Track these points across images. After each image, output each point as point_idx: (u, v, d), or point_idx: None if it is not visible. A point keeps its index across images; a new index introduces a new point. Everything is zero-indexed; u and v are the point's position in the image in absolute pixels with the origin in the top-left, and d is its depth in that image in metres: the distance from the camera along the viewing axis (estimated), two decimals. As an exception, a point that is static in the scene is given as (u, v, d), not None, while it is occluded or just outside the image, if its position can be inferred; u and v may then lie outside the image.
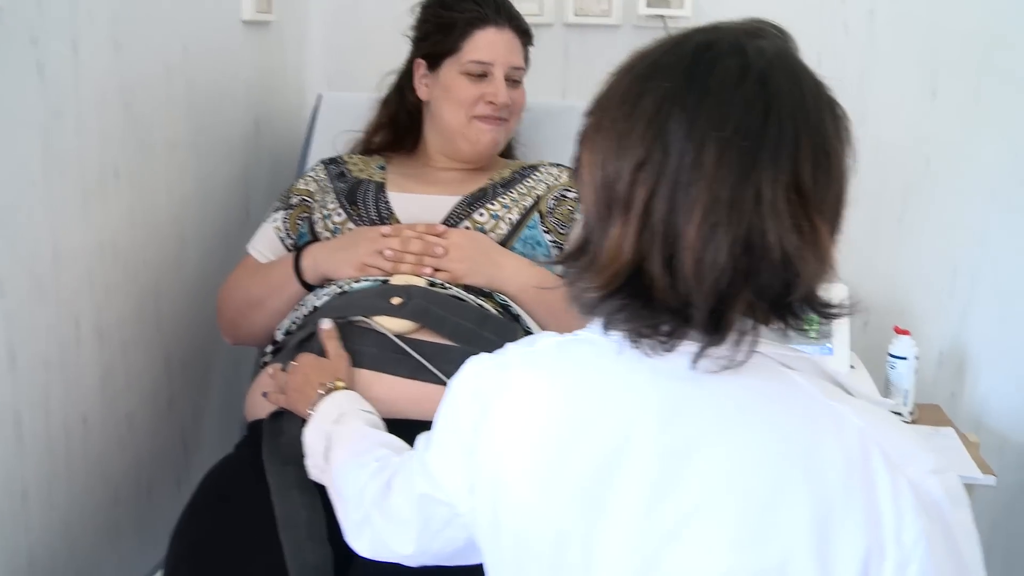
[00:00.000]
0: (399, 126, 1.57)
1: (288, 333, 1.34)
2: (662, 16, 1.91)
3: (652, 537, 0.70)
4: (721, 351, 0.69)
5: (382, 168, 1.52)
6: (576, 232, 1.00)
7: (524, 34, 1.53)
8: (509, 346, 0.83)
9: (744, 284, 0.68)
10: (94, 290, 1.34)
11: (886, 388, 1.80)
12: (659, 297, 0.69)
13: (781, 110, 0.69)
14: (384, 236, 1.32)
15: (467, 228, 1.39)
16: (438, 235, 1.33)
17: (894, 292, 1.99)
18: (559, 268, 1.31)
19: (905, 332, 1.80)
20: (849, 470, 0.67)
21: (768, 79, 0.69)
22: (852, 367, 1.75)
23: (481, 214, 1.40)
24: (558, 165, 1.55)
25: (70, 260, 1.28)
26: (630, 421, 0.72)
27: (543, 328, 1.33)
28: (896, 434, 0.70)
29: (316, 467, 1.07)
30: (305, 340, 1.25)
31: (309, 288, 1.37)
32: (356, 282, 1.31)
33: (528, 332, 1.31)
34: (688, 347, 0.70)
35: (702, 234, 0.67)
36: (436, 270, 1.30)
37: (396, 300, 1.23)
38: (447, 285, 1.30)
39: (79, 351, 1.31)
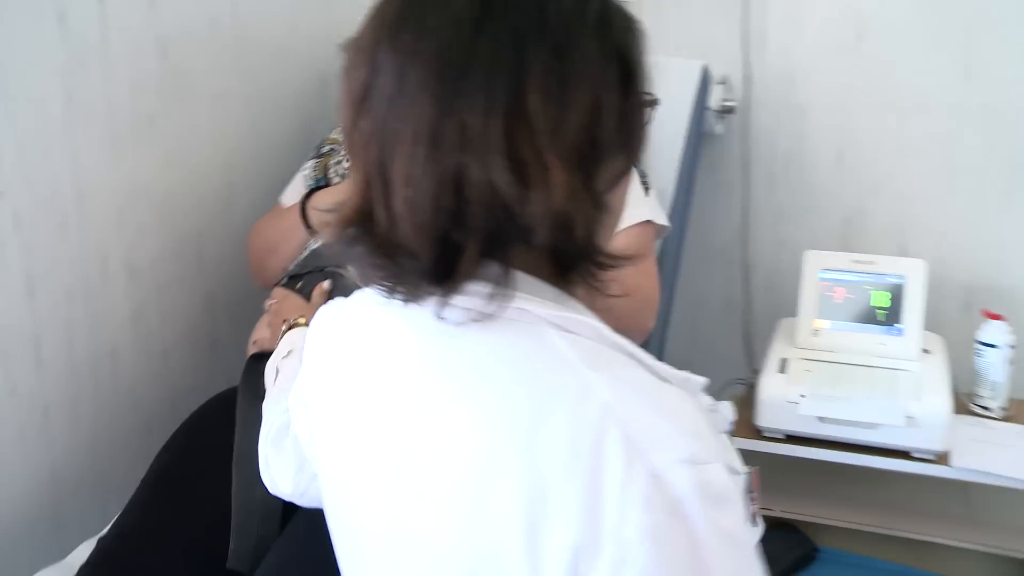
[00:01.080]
0: None
1: (292, 276, 1.38)
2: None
3: (398, 503, 0.66)
4: (470, 302, 0.61)
5: None
6: None
7: None
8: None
9: (465, 229, 0.59)
10: (123, 229, 1.43)
11: (973, 378, 1.62)
12: (384, 243, 0.62)
13: (500, 22, 0.59)
14: None
15: None
16: None
17: (995, 273, 1.77)
18: None
19: (997, 317, 1.61)
20: (575, 449, 0.57)
21: None
22: (926, 351, 1.58)
23: None
24: None
25: (96, 200, 1.37)
26: (387, 375, 0.67)
27: None
28: (656, 416, 0.58)
29: (267, 401, 1.10)
30: (291, 278, 1.28)
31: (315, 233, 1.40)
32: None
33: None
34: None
35: (408, 172, 0.59)
36: None
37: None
38: None
39: (105, 286, 1.41)
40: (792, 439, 1.51)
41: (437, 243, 0.59)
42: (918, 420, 1.43)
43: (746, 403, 1.57)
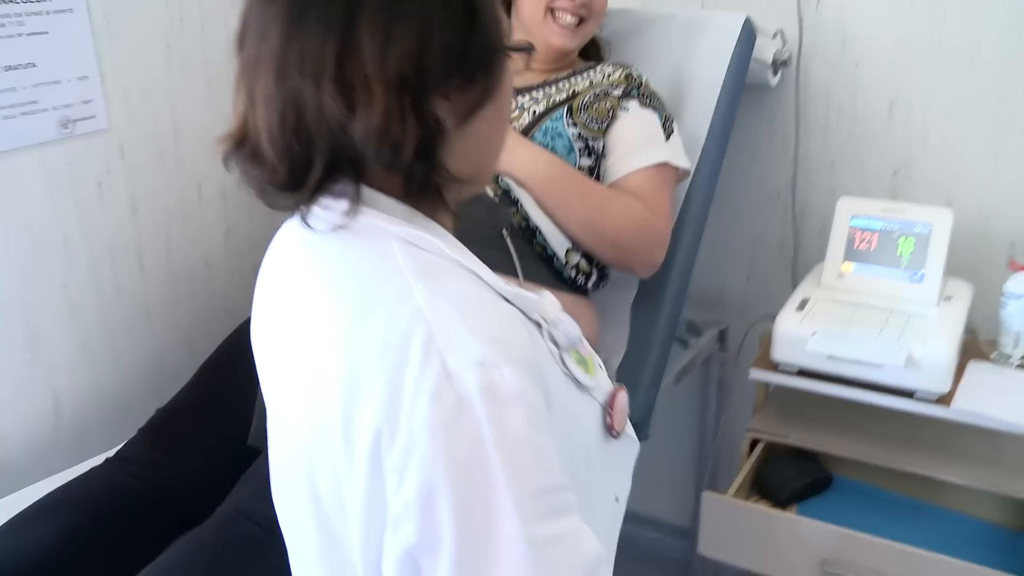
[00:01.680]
0: None
1: None
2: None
3: (279, 393, 0.79)
4: (326, 215, 0.72)
5: None
6: None
7: None
8: None
9: (310, 145, 0.68)
10: (217, 161, 1.68)
11: (996, 328, 1.66)
12: (253, 156, 0.72)
13: None
14: None
15: None
16: None
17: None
18: (584, 160, 1.42)
19: (1023, 268, 1.64)
20: (386, 344, 0.66)
21: None
22: (948, 298, 1.63)
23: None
24: (619, 65, 1.62)
25: (192, 136, 1.62)
26: (276, 281, 0.81)
27: (551, 214, 1.45)
28: (460, 322, 0.67)
29: None
30: None
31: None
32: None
33: (524, 216, 1.44)
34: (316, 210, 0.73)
35: (265, 94, 0.69)
36: None
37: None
38: None
39: (201, 207, 1.67)
40: (804, 374, 1.61)
41: (288, 157, 0.69)
42: (919, 362, 1.50)
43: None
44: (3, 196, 1.38)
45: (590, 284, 1.51)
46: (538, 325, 0.76)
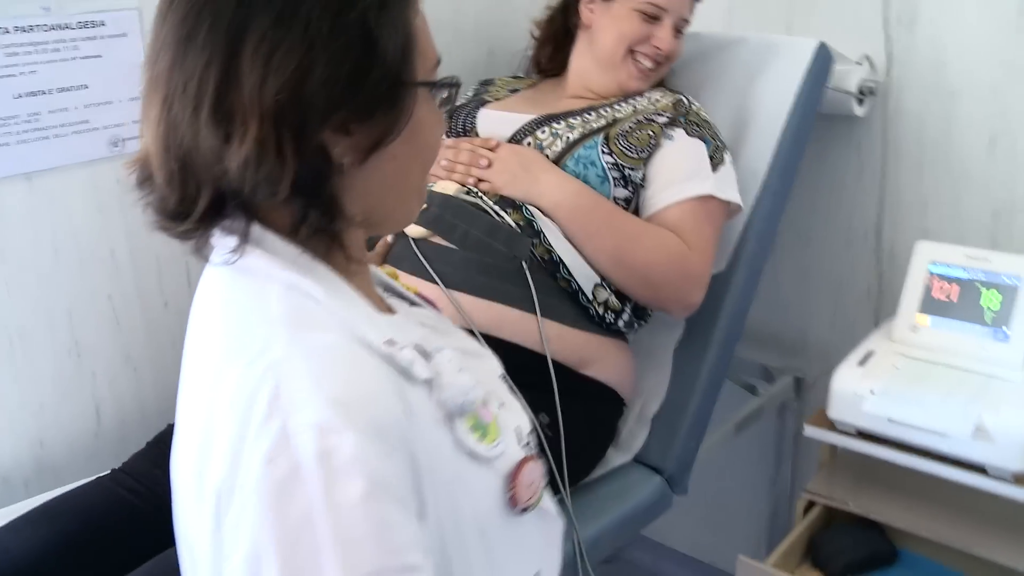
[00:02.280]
0: (554, 45, 1.67)
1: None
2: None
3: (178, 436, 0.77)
4: (218, 249, 0.70)
5: (514, 91, 1.65)
6: None
7: None
8: None
9: (194, 176, 0.67)
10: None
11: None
12: (149, 182, 0.71)
13: None
14: (446, 147, 1.48)
15: (528, 144, 1.46)
16: (491, 149, 1.44)
17: None
18: (619, 191, 1.36)
19: None
20: (236, 397, 0.63)
21: None
22: (1039, 360, 1.45)
23: (543, 131, 1.47)
24: (670, 91, 1.53)
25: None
26: (194, 312, 0.79)
27: (578, 246, 1.38)
28: (309, 380, 0.62)
29: None
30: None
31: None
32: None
33: (548, 248, 1.37)
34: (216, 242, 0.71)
35: (151, 118, 0.68)
36: (480, 181, 1.42)
37: (423, 207, 1.39)
38: (479, 194, 1.40)
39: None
40: (864, 435, 1.47)
41: (174, 185, 0.68)
42: (991, 433, 1.33)
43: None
44: (53, 210, 1.44)
45: (621, 323, 1.43)
46: (427, 384, 0.70)
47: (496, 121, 1.52)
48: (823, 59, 1.59)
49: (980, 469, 1.37)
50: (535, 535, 0.80)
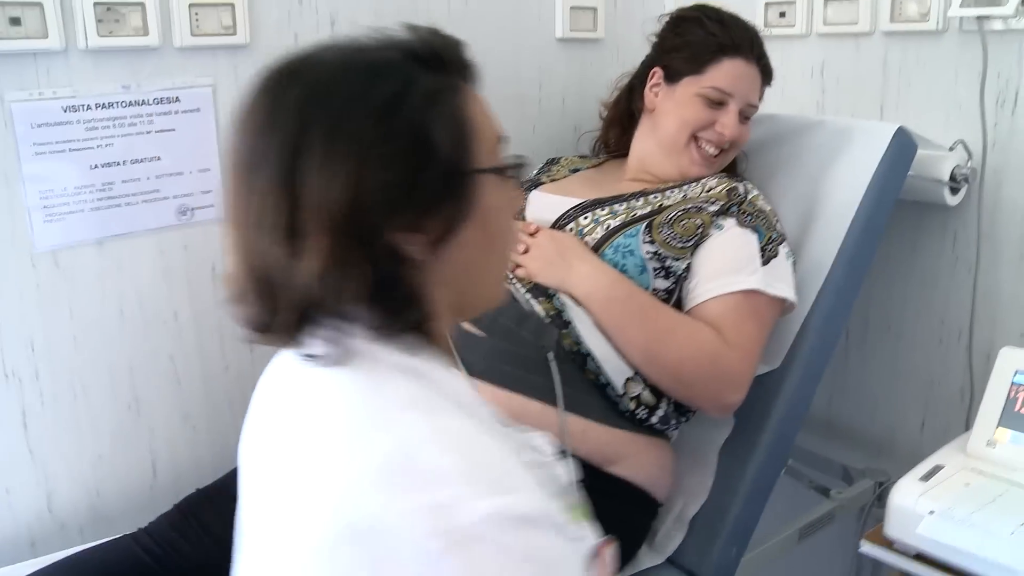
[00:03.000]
0: (620, 127, 1.64)
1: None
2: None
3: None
4: (317, 349, 0.72)
5: (575, 171, 1.63)
6: None
7: (766, 74, 1.51)
8: None
9: (276, 295, 0.70)
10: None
11: None
12: (239, 299, 0.75)
13: (289, 109, 0.69)
14: None
15: (570, 229, 1.43)
16: (531, 234, 1.41)
17: None
18: (659, 282, 1.31)
19: None
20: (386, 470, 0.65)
21: (294, 86, 0.70)
22: None
23: (586, 217, 1.43)
24: (727, 178, 1.47)
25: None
26: (270, 408, 0.81)
27: (610, 338, 1.33)
28: (443, 457, 0.65)
29: None
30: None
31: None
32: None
33: (577, 340, 1.32)
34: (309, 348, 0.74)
35: (231, 242, 0.73)
36: (517, 267, 1.39)
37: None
38: (509, 279, 1.38)
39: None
40: (923, 559, 1.33)
41: (262, 303, 0.72)
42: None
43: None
44: (121, 273, 1.52)
45: (655, 419, 1.36)
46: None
47: (544, 204, 1.50)
48: (902, 145, 1.48)
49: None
50: None
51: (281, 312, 0.71)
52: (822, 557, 1.86)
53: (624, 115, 1.62)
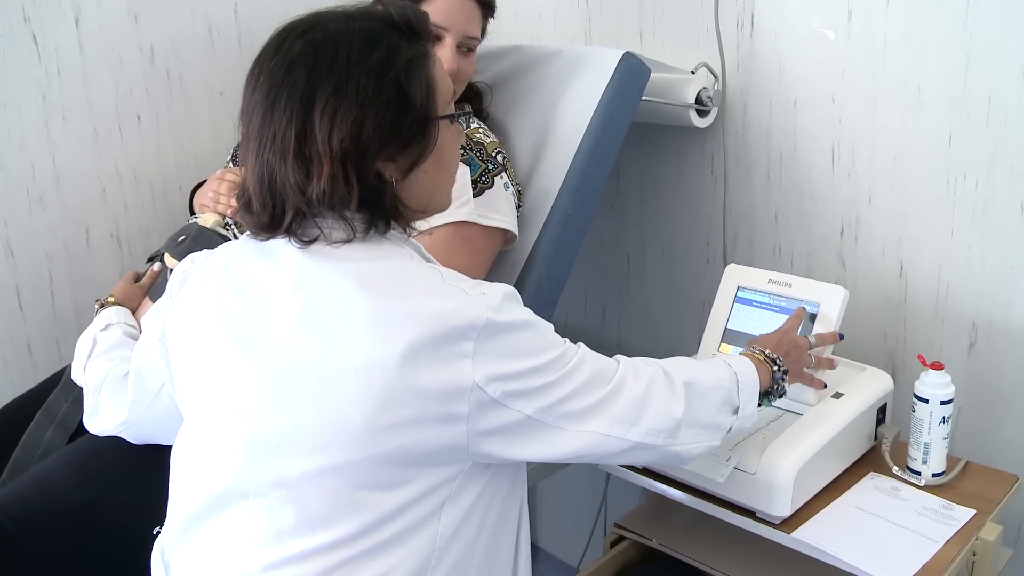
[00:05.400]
0: None
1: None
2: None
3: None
4: (338, 234, 0.94)
5: None
6: None
7: (485, 6, 1.50)
8: None
9: (283, 202, 0.93)
10: (108, 206, 1.74)
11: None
12: (248, 207, 0.96)
13: (302, 63, 0.91)
14: (213, 178, 1.47)
15: None
16: None
17: (1004, 306, 1.39)
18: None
19: (936, 366, 1.29)
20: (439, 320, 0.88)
21: (305, 46, 0.92)
22: (839, 394, 1.32)
23: None
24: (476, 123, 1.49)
25: (75, 182, 1.69)
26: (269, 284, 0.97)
27: None
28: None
29: (76, 368, 1.32)
30: (150, 259, 1.50)
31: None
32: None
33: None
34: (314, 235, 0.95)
35: (249, 163, 0.94)
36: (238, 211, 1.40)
37: (181, 238, 1.39)
38: (230, 224, 1.39)
39: (89, 251, 1.73)
40: (650, 472, 1.38)
41: (269, 208, 0.93)
42: (753, 478, 1.23)
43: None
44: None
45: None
46: None
47: None
48: (631, 69, 1.49)
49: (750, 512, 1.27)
50: None
51: (284, 216, 0.93)
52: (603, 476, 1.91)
53: None
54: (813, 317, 1.34)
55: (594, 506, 1.97)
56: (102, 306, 1.37)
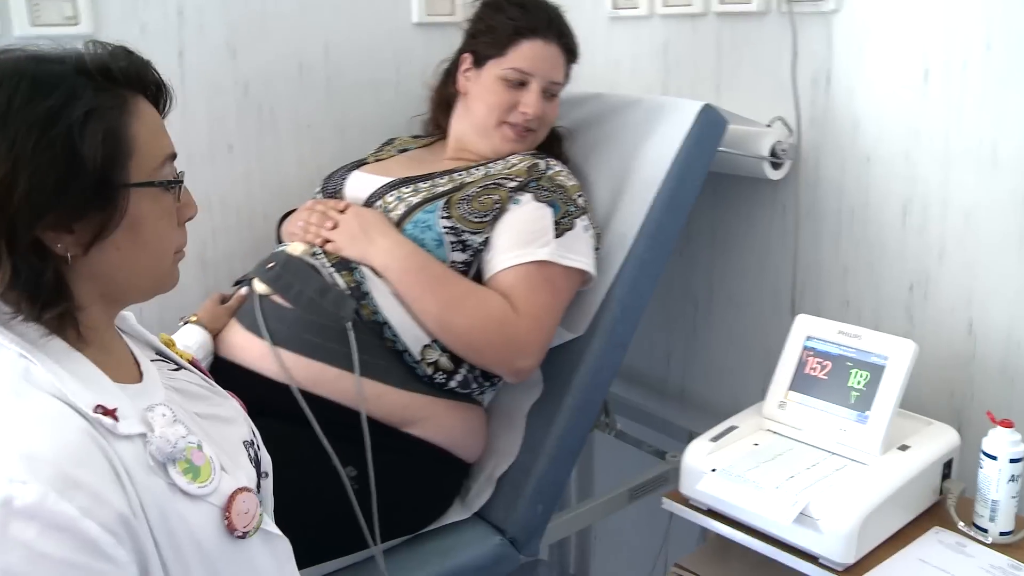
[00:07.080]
0: (443, 109, 1.71)
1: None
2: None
3: None
4: None
5: (404, 150, 1.70)
6: None
7: (570, 52, 1.57)
8: None
9: None
10: (197, 229, 1.82)
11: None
12: None
13: None
14: (303, 209, 1.54)
15: (378, 206, 1.50)
16: (341, 211, 1.49)
17: None
18: (457, 255, 1.39)
19: (1006, 424, 1.30)
20: None
21: None
22: (904, 447, 1.35)
23: (391, 195, 1.50)
24: (529, 156, 1.54)
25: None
26: None
27: (408, 307, 1.40)
28: (6, 437, 0.73)
29: None
30: (237, 283, 1.56)
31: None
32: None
33: (374, 309, 1.39)
34: None
35: None
36: (327, 241, 1.47)
37: (270, 265, 1.46)
38: (319, 253, 1.45)
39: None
40: (713, 514, 1.40)
41: None
42: (816, 523, 1.25)
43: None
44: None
45: (454, 384, 1.43)
46: (141, 438, 0.81)
47: (360, 183, 1.58)
48: (709, 121, 1.54)
49: (813, 558, 1.28)
50: (265, 555, 0.91)
51: None
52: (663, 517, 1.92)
53: (444, 99, 1.69)
54: (881, 370, 1.37)
55: (650, 547, 1.99)
56: (186, 324, 1.44)
